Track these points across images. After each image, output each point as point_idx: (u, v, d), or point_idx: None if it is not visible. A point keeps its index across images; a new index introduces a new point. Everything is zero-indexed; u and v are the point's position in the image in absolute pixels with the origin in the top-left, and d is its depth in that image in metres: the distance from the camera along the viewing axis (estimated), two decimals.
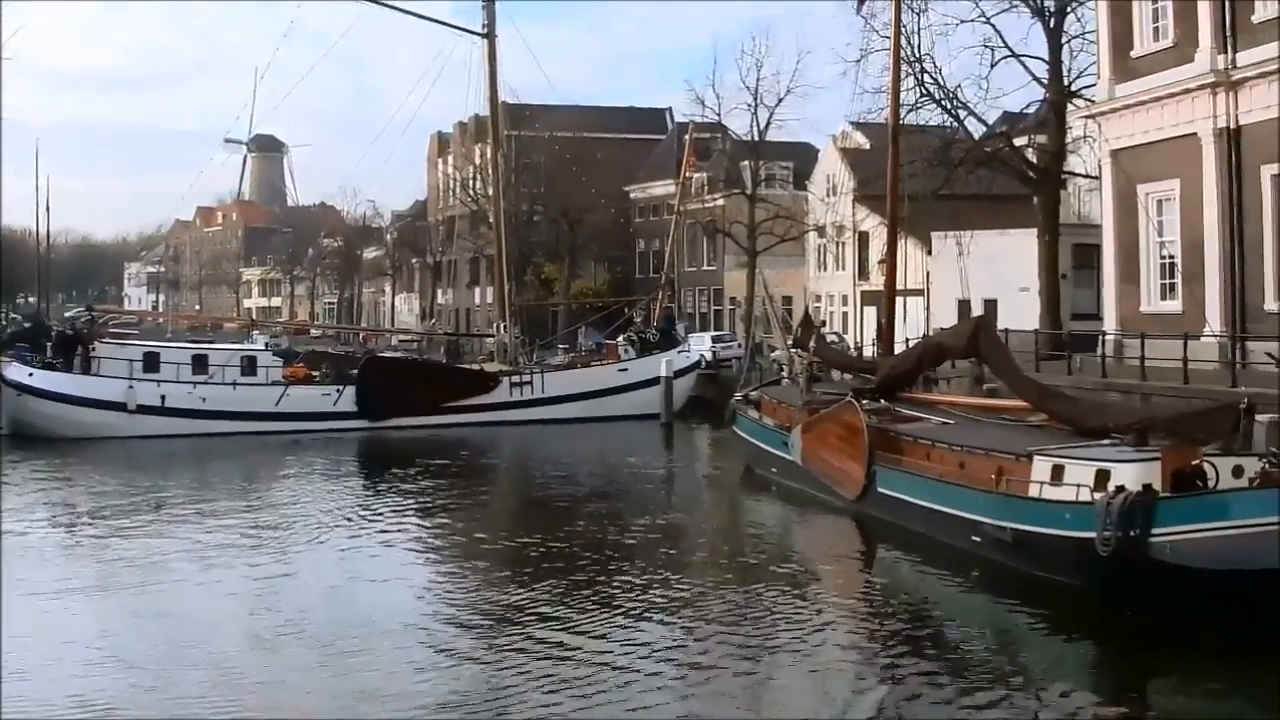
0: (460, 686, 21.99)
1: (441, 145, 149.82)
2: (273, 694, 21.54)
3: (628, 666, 22.92)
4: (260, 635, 25.40)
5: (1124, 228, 51.69)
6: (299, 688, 21.91)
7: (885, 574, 33.78)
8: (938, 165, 64.08)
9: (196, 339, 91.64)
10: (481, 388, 71.30)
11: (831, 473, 40.38)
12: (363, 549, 35.31)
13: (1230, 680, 22.62)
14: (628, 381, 73.00)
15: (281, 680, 22.35)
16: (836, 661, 23.91)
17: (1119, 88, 51.45)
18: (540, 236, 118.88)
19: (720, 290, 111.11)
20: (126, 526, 38.51)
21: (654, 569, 32.07)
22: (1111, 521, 25.78)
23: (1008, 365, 39.44)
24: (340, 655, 23.73)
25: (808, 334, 51.00)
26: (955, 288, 58.13)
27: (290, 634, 25.45)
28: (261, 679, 22.33)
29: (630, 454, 58.31)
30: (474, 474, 54.57)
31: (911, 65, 59.50)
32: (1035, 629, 26.61)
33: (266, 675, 22.57)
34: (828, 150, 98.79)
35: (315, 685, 22.05)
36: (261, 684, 22.10)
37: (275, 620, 26.60)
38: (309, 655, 23.85)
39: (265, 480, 50.60)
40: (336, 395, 67.95)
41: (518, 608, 27.77)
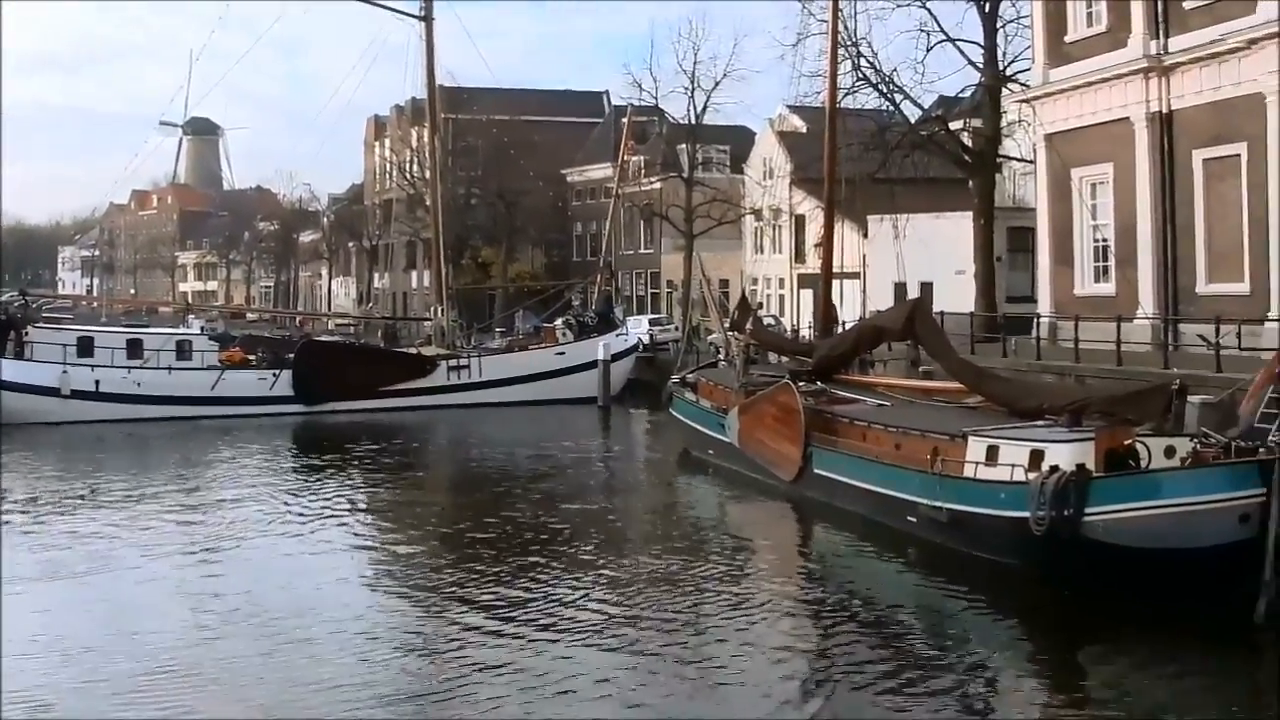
0: (402, 675, 21.93)
1: (379, 129, 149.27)
2: (217, 686, 21.32)
3: (568, 652, 22.96)
4: (202, 625, 25.10)
5: (1058, 211, 52.09)
6: (243, 679, 21.61)
7: (822, 555, 33.95)
8: (874, 149, 64.34)
9: (131, 323, 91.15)
10: (419, 371, 71.16)
11: (768, 454, 40.52)
12: (301, 535, 35.04)
13: (1160, 656, 22.91)
14: (565, 365, 72.94)
15: (225, 671, 22.02)
16: (773, 643, 23.91)
17: (1053, 72, 51.85)
18: (477, 220, 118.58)
19: (657, 273, 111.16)
20: (62, 514, 38.30)
21: (591, 552, 32.21)
22: (1045, 501, 26.04)
23: (943, 347, 39.71)
24: (284, 645, 23.57)
25: (744, 317, 51.14)
26: (891, 270, 58.40)
27: (232, 624, 25.19)
28: (204, 671, 22.03)
29: (567, 437, 58.30)
30: (411, 458, 54.56)
31: (848, 49, 59.71)
32: (970, 608, 26.80)
33: (209, 667, 22.22)
34: (764, 134, 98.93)
35: (259, 676, 21.76)
36: (204, 675, 21.83)
37: (216, 610, 26.29)
38: (252, 645, 23.57)
39: (201, 466, 50.20)
40: (273, 379, 67.67)
41: (457, 593, 27.74)
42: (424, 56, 77.77)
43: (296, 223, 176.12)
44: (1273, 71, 40.82)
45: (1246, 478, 24.64)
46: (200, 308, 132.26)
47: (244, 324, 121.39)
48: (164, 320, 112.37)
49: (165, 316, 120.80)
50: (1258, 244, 42.11)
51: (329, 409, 66.78)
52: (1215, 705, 20.94)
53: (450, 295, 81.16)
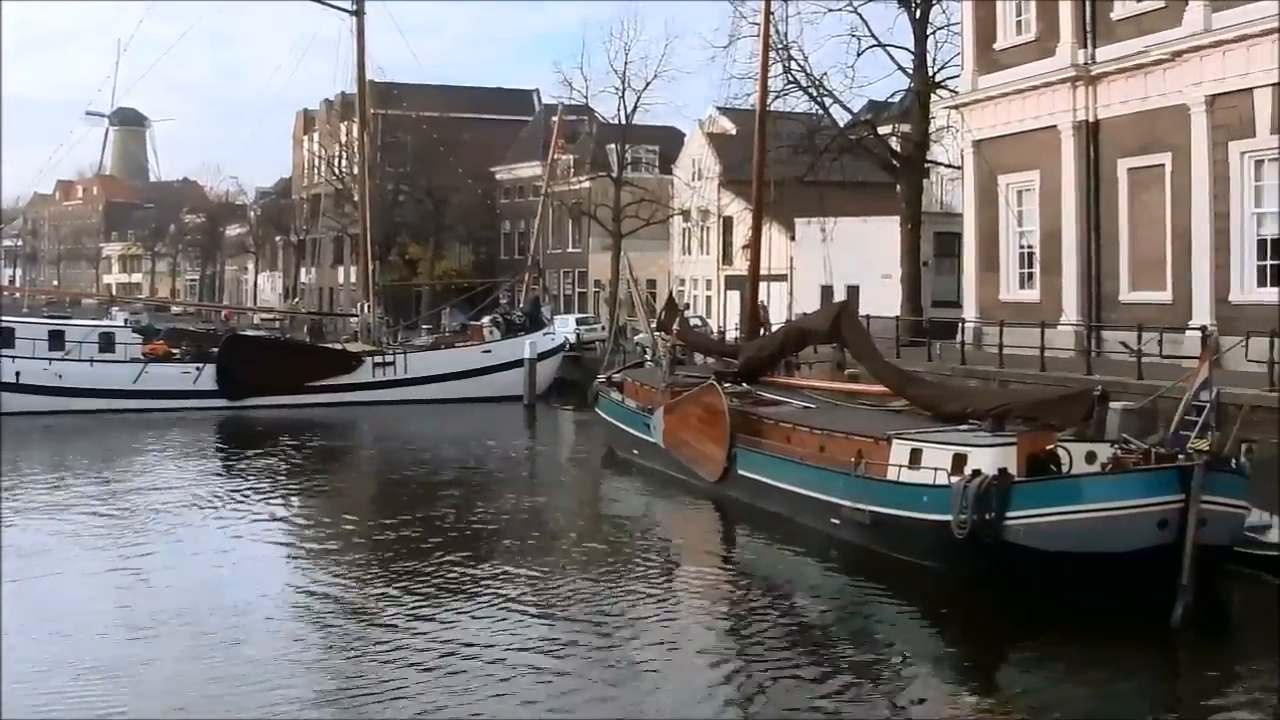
0: (328, 673, 21.84)
1: (307, 122, 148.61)
2: (143, 686, 21.11)
3: (490, 653, 22.84)
4: (127, 625, 24.84)
5: (984, 217, 52.51)
6: (169, 679, 21.33)
7: (745, 556, 34.00)
8: (803, 152, 64.68)
9: (54, 315, 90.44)
10: (344, 368, 70.80)
11: (693, 455, 40.58)
12: (224, 533, 34.68)
13: (1079, 659, 23.09)
14: (492, 363, 72.73)
15: (151, 671, 21.83)
16: (695, 644, 23.96)
17: (982, 79, 52.28)
18: (406, 217, 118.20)
19: (585, 273, 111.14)
20: None
21: (515, 551, 32.19)
22: (968, 504, 26.22)
23: (869, 350, 39.82)
24: (211, 644, 23.30)
25: (671, 317, 51.18)
26: (818, 273, 58.78)
27: (158, 623, 24.85)
28: (131, 671, 21.82)
29: (493, 435, 58.16)
30: (335, 455, 54.41)
31: (779, 52, 59.99)
32: (892, 610, 27.00)
33: (135, 667, 22.05)
34: (694, 135, 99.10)
35: (186, 676, 21.42)
36: (131, 676, 21.61)
37: (140, 610, 25.96)
38: (179, 645, 23.29)
39: (123, 460, 49.66)
40: (196, 373, 67.12)
41: (381, 592, 27.63)
42: (354, 50, 77.62)
43: (223, 216, 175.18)
44: (1197, 84, 41.24)
45: (1166, 483, 24.91)
46: (125, 300, 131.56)
47: (169, 317, 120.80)
48: (88, 312, 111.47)
49: (89, 308, 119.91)
50: (1180, 253, 42.57)
51: (253, 404, 66.26)
52: (1133, 707, 21.19)
53: (377, 292, 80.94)
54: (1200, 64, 41.25)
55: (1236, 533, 26.03)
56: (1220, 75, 40.62)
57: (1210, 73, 40.99)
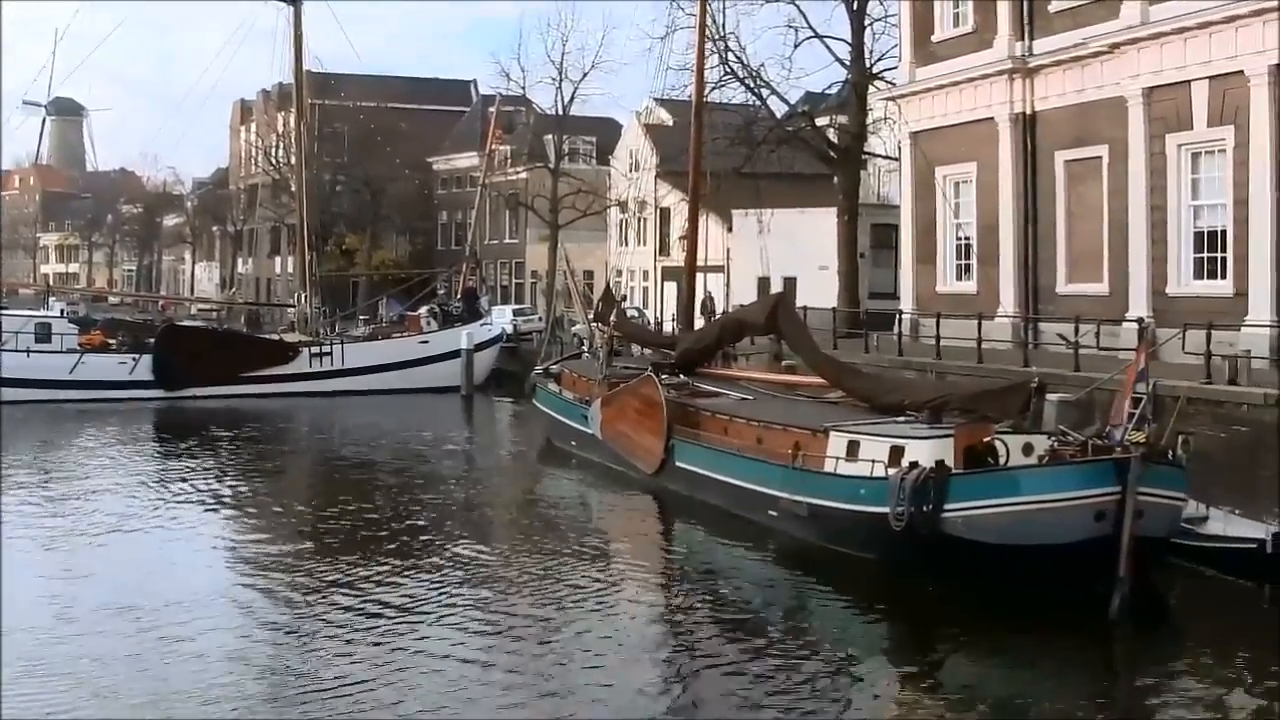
0: (265, 670, 21.70)
1: (244, 112, 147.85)
2: (85, 684, 20.84)
3: (426, 647, 22.80)
4: (64, 620, 24.55)
5: (922, 209, 52.54)
6: (110, 677, 21.08)
7: (682, 548, 33.95)
8: (740, 143, 64.64)
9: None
10: (281, 358, 70.51)
11: (630, 447, 40.54)
12: (161, 525, 34.48)
13: (1016, 651, 23.16)
14: (429, 354, 72.50)
15: (91, 669, 21.50)
16: (632, 637, 24.02)
17: (919, 71, 52.27)
18: (343, 207, 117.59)
19: (522, 264, 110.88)
20: None
21: (451, 545, 32.06)
22: (905, 496, 26.27)
23: (806, 342, 39.87)
24: (151, 641, 23.11)
25: (608, 308, 51.12)
26: (755, 265, 58.70)
27: (92, 620, 24.56)
28: (72, 670, 21.50)
29: (430, 427, 57.96)
30: (271, 446, 53.96)
31: (716, 44, 59.90)
32: (830, 602, 27.06)
33: (74, 666, 21.78)
34: (631, 126, 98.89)
35: (126, 674, 21.24)
36: (72, 675, 21.28)
37: (76, 605, 25.69)
38: (118, 642, 23.11)
39: (59, 452, 49.28)
40: (133, 364, 66.77)
41: (316, 587, 27.48)
42: (291, 41, 77.21)
43: (160, 206, 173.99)
44: (1135, 76, 41.33)
45: (1102, 476, 24.96)
46: (61, 290, 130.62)
47: (106, 307, 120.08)
48: (25, 302, 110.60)
49: (26, 299, 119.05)
50: (1117, 245, 42.63)
51: (189, 395, 65.89)
52: (1070, 699, 21.18)
53: (314, 282, 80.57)
54: (1138, 57, 41.31)
55: (1174, 525, 26.13)
56: (1157, 68, 40.67)
57: (1147, 65, 41.04)
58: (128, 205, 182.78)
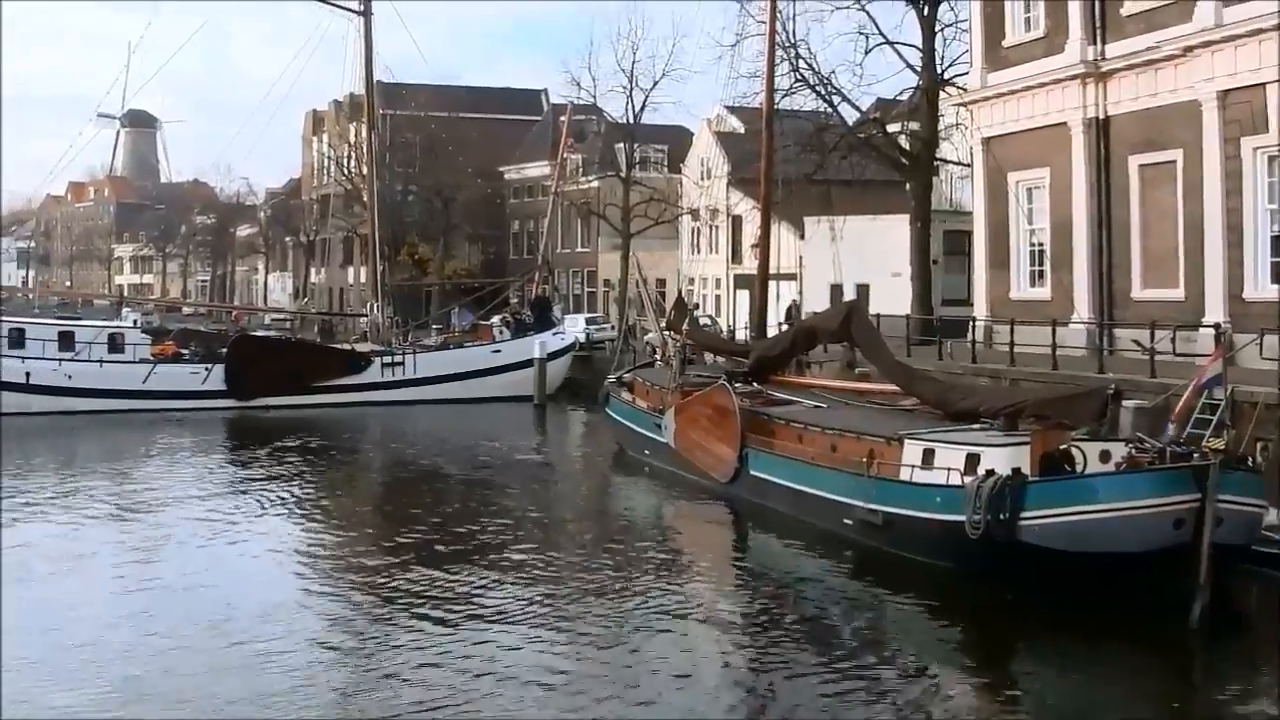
0: (338, 673, 21.81)
1: (316, 123, 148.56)
2: (159, 691, 20.97)
3: (501, 654, 22.81)
4: (142, 631, 24.68)
5: (994, 215, 52.25)
6: (185, 685, 21.18)
7: (757, 556, 33.92)
8: (811, 150, 64.46)
9: (64, 315, 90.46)
10: (353, 368, 70.82)
11: (703, 456, 40.45)
12: (233, 533, 34.56)
13: (1095, 660, 22.94)
14: (501, 363, 72.67)
15: (166, 677, 21.67)
16: (708, 645, 24.00)
17: (991, 76, 51.99)
18: (414, 216, 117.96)
19: (594, 272, 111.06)
20: None
21: (525, 553, 31.98)
22: (981, 504, 26.11)
23: (879, 349, 39.73)
24: (225, 648, 23.26)
25: (681, 317, 51.14)
26: (828, 272, 58.52)
27: (165, 628, 24.79)
28: (145, 678, 21.67)
29: (502, 436, 58.08)
30: (343, 456, 54.14)
31: (786, 51, 59.73)
32: (906, 611, 26.85)
33: (148, 670, 21.99)
34: (702, 134, 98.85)
35: (202, 681, 21.27)
36: (145, 681, 21.47)
37: (152, 615, 25.89)
38: (193, 649, 23.26)
39: (131, 461, 49.62)
40: (205, 374, 67.26)
41: (389, 596, 27.52)
42: (362, 51, 77.60)
43: (233, 216, 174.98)
44: (1209, 79, 41.00)
45: (1181, 482, 24.78)
46: (135, 300, 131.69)
47: (180, 318, 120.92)
48: (99, 313, 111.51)
49: (101, 309, 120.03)
50: (1192, 250, 42.28)
51: (261, 405, 66.33)
52: (1147, 708, 21.03)
53: (386, 291, 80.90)
54: (1211, 59, 40.98)
55: (1253, 532, 25.89)
56: (1232, 70, 40.32)
57: (1222, 68, 40.70)
58: (201, 216, 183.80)
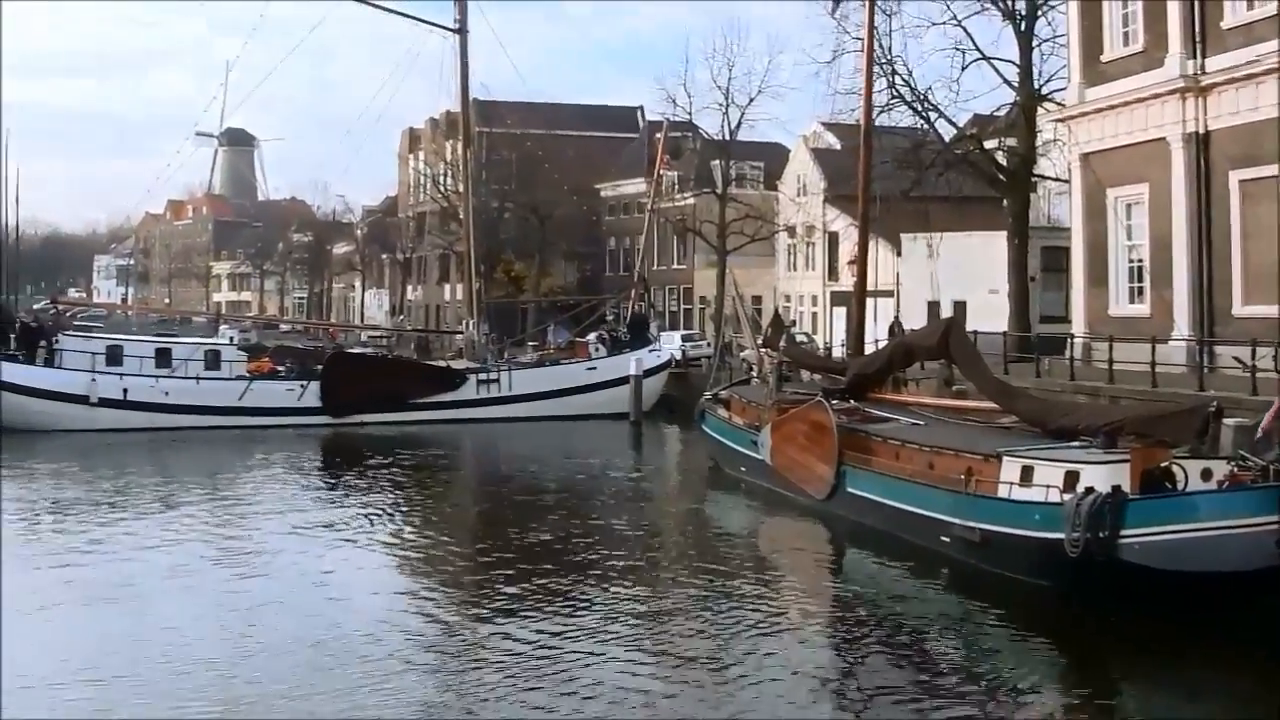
0: (434, 696, 21.80)
1: (413, 141, 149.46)
2: (253, 703, 21.18)
3: (597, 666, 22.92)
4: (234, 644, 24.88)
5: (1093, 231, 51.86)
6: (280, 699, 21.37)
7: (853, 574, 33.79)
8: (908, 167, 64.23)
9: (161, 332, 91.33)
10: (447, 385, 71.10)
11: (800, 472, 40.38)
12: (329, 549, 34.77)
13: (1195, 682, 22.76)
14: (596, 380, 72.75)
15: (261, 691, 21.83)
16: (802, 661, 23.87)
17: (1089, 91, 51.61)
18: (510, 234, 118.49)
19: (690, 289, 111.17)
20: (88, 526, 37.73)
21: (621, 569, 32.12)
22: (1080, 522, 25.92)
23: (977, 366, 39.49)
24: (322, 664, 23.46)
25: (777, 334, 51.05)
26: (925, 289, 58.50)
27: (262, 642, 25.08)
28: (242, 692, 21.82)
29: (598, 453, 58.19)
30: (438, 472, 54.42)
31: (883, 67, 59.59)
32: (1004, 629, 26.65)
33: (238, 688, 22.09)
34: (798, 150, 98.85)
35: (298, 697, 21.48)
36: (241, 695, 21.63)
37: (244, 628, 26.13)
38: (289, 663, 23.53)
39: (227, 477, 49.99)
40: (301, 390, 67.72)
41: (487, 609, 27.70)
42: (457, 68, 77.93)
43: (330, 234, 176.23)
44: None
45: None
46: (232, 317, 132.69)
47: (277, 335, 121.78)
48: (198, 330, 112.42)
49: (199, 326, 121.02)
50: None
51: (356, 421, 66.76)
52: None
53: (482, 308, 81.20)
54: None
55: None
56: None
57: None
58: (298, 233, 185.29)
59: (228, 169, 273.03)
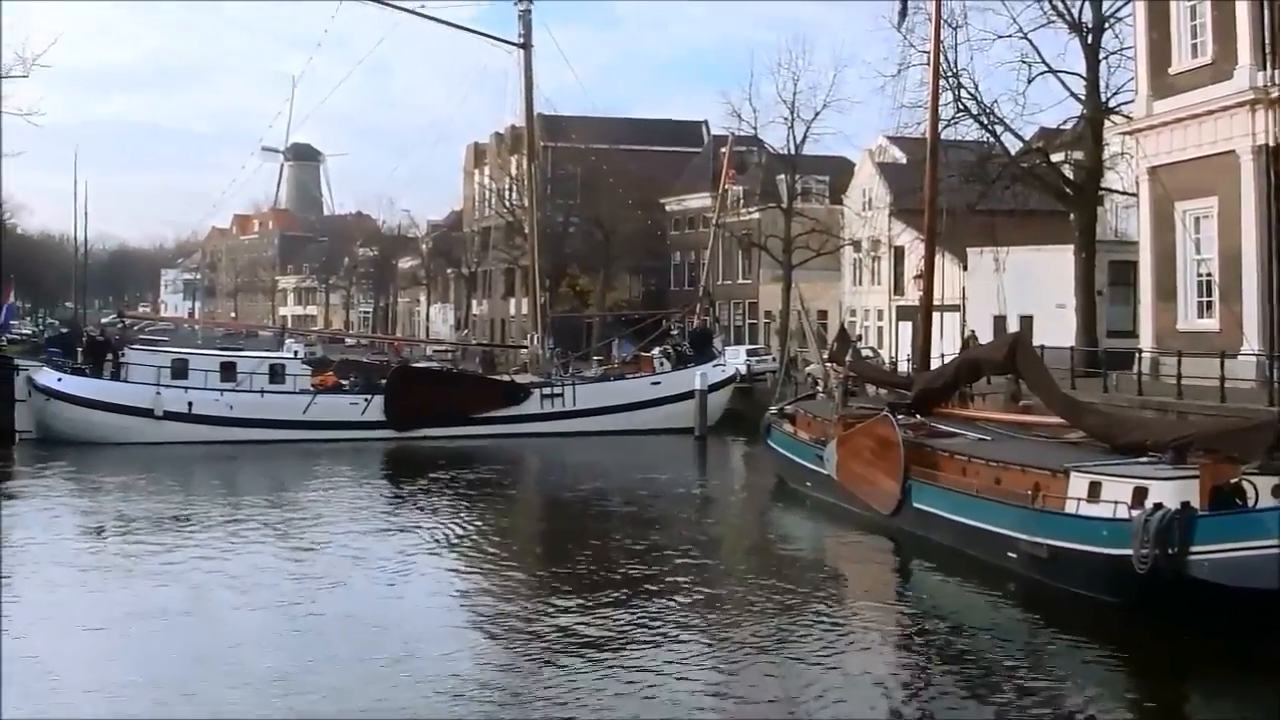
0: (497, 708, 21.87)
1: (478, 156, 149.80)
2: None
3: (661, 680, 22.93)
4: (297, 655, 25.13)
5: (1161, 244, 51.48)
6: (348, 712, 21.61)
7: (920, 589, 33.69)
8: (974, 180, 63.95)
9: (226, 346, 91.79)
10: (511, 399, 71.24)
11: (866, 487, 40.26)
12: (393, 563, 34.76)
13: (1265, 702, 22.51)
14: (661, 395, 72.74)
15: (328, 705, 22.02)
16: (867, 675, 23.84)
17: (1157, 104, 51.26)
18: (575, 248, 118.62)
19: (755, 304, 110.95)
20: (157, 542, 37.79)
21: (687, 584, 32.01)
22: (1149, 538, 25.74)
23: (1045, 381, 39.25)
24: (373, 678, 23.48)
25: (843, 348, 50.95)
26: (991, 303, 58.06)
27: (327, 653, 25.31)
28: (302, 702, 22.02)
29: (662, 468, 58.10)
30: (502, 486, 54.40)
31: (949, 80, 59.31)
32: (1071, 647, 26.43)
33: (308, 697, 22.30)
34: (863, 164, 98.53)
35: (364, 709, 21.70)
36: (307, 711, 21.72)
37: (310, 641, 26.46)
38: (353, 674, 23.66)
39: (291, 490, 50.23)
40: (364, 404, 68.04)
41: (549, 624, 27.60)
42: (522, 83, 78.09)
43: (395, 248, 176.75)
44: None
45: None
46: (297, 332, 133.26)
47: (343, 349, 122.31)
48: (263, 344, 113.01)
49: (265, 340, 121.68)
50: None
51: (420, 435, 66.92)
52: None
53: (546, 323, 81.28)
54: None
55: None
56: None
57: None
58: (364, 248, 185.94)
59: (294, 183, 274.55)
